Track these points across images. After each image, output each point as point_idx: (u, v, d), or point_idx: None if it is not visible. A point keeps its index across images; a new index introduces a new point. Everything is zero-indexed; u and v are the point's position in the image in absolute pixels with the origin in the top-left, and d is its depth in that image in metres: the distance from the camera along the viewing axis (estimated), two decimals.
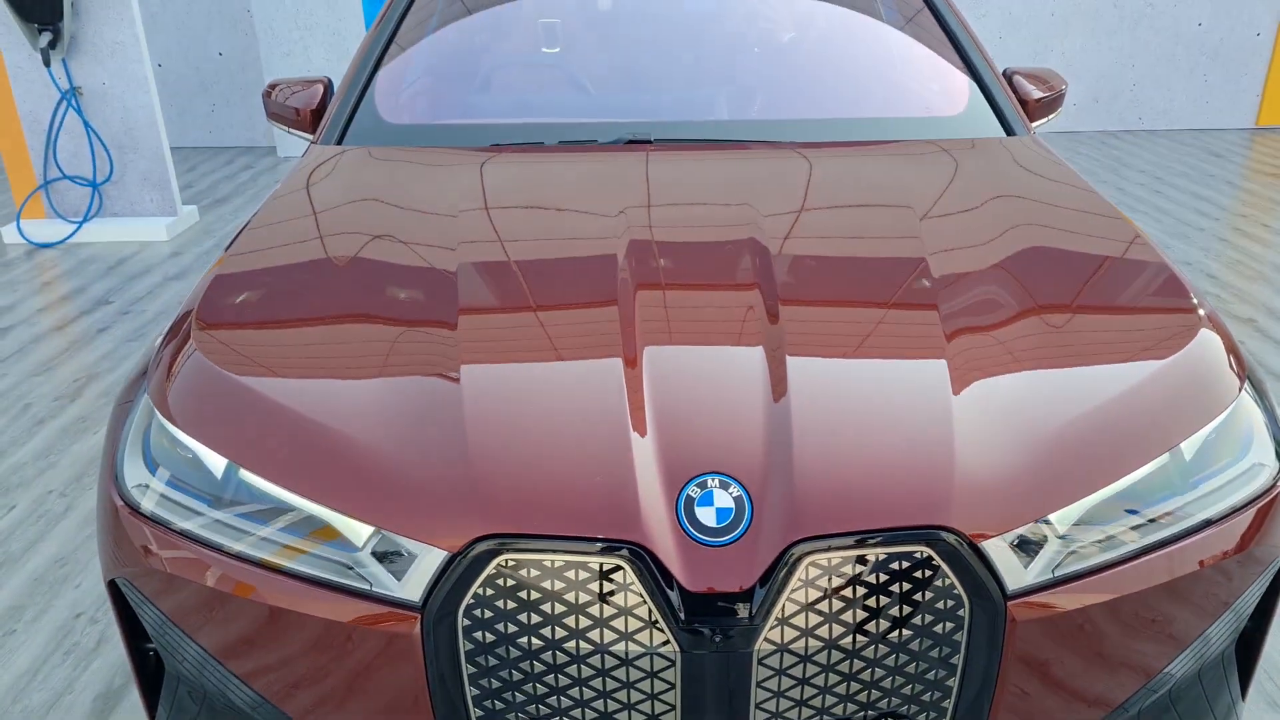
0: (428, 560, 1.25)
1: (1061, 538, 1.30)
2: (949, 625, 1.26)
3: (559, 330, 1.51)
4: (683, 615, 1.21)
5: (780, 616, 1.22)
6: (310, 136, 2.52)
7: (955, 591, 1.25)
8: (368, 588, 1.28)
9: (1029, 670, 1.29)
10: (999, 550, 1.26)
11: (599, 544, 1.21)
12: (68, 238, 5.22)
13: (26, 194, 5.28)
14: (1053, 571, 1.29)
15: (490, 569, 1.24)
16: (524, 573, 1.23)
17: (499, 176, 2.06)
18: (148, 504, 1.41)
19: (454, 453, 1.30)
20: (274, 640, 1.33)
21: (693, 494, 1.24)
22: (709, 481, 1.25)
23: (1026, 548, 1.28)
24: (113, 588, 1.48)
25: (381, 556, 1.28)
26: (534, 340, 1.49)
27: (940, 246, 1.74)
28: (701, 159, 2.15)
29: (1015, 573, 1.27)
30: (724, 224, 1.81)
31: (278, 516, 1.33)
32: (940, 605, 1.25)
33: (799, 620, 1.23)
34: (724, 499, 1.24)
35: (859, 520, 1.23)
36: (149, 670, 1.54)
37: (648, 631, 1.23)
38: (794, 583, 1.22)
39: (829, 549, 1.22)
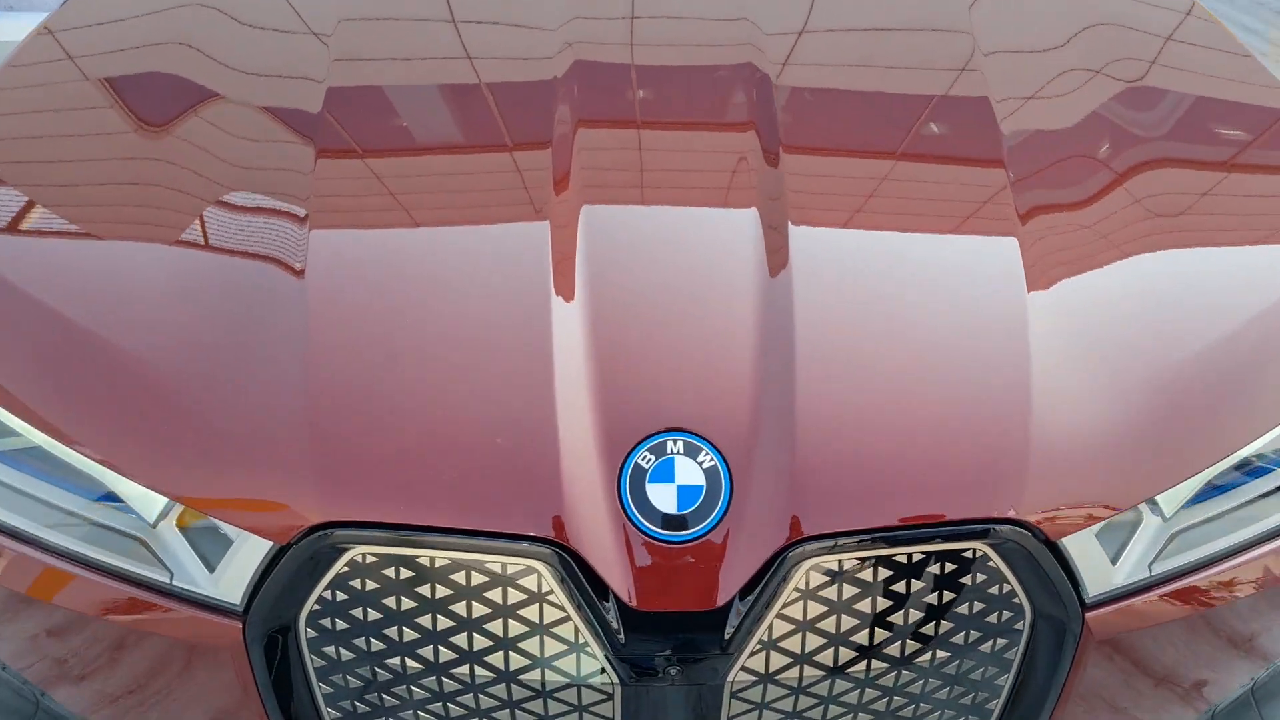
0: (247, 551, 0.85)
1: (1166, 519, 0.92)
2: (1000, 642, 0.89)
3: (459, 187, 1.05)
4: (623, 638, 0.83)
5: (766, 639, 0.84)
6: None
7: (1015, 600, 0.88)
8: (167, 581, 0.88)
9: (1103, 693, 0.94)
10: (1082, 545, 0.88)
11: (499, 541, 0.81)
12: None
13: None
14: (1149, 567, 0.91)
15: (341, 566, 0.84)
16: (390, 573, 0.83)
17: None
18: None
19: (285, 389, 0.86)
20: (54, 638, 0.94)
21: (644, 463, 0.83)
22: (669, 444, 0.83)
23: (1116, 533, 0.90)
24: None
25: (189, 536, 0.88)
26: (422, 203, 1.03)
27: (1010, 88, 1.24)
28: None
29: (1099, 572, 0.89)
30: (710, 43, 1.30)
31: (48, 470, 0.91)
32: (992, 619, 0.88)
33: (792, 643, 0.85)
34: (689, 472, 0.83)
35: (892, 508, 0.83)
36: None
37: (574, 656, 0.85)
38: (788, 594, 0.83)
39: (843, 548, 0.83)
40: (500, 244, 0.98)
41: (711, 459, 0.83)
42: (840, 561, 0.83)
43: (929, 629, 0.87)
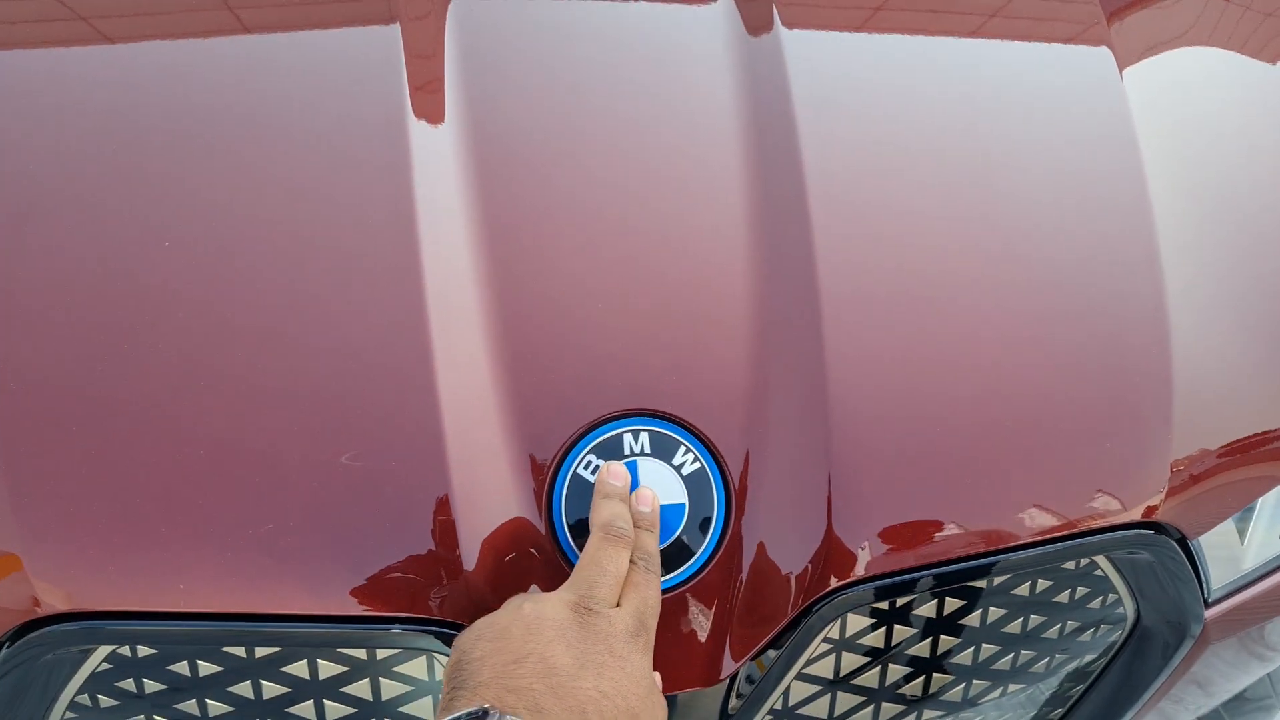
0: None
1: None
2: (1087, 658, 0.65)
3: None
4: None
5: (780, 708, 0.57)
6: None
7: (1119, 610, 0.62)
8: None
9: (1202, 686, 0.72)
10: (1217, 538, 0.62)
11: (355, 628, 0.49)
12: None
13: None
14: None
15: (98, 664, 0.51)
16: (181, 669, 0.51)
17: None
18: None
19: None
20: None
21: (585, 472, 0.51)
22: (627, 439, 0.51)
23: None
24: None
25: None
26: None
27: None
28: None
29: (1227, 558, 0.64)
30: None
31: None
32: (1085, 636, 0.63)
33: (817, 708, 0.58)
34: (663, 482, 0.51)
35: (986, 522, 0.54)
36: None
37: None
38: (816, 647, 0.55)
39: (906, 587, 0.54)
40: (318, 57, 0.61)
41: (697, 459, 0.51)
42: (893, 602, 0.55)
43: (1004, 664, 0.61)
